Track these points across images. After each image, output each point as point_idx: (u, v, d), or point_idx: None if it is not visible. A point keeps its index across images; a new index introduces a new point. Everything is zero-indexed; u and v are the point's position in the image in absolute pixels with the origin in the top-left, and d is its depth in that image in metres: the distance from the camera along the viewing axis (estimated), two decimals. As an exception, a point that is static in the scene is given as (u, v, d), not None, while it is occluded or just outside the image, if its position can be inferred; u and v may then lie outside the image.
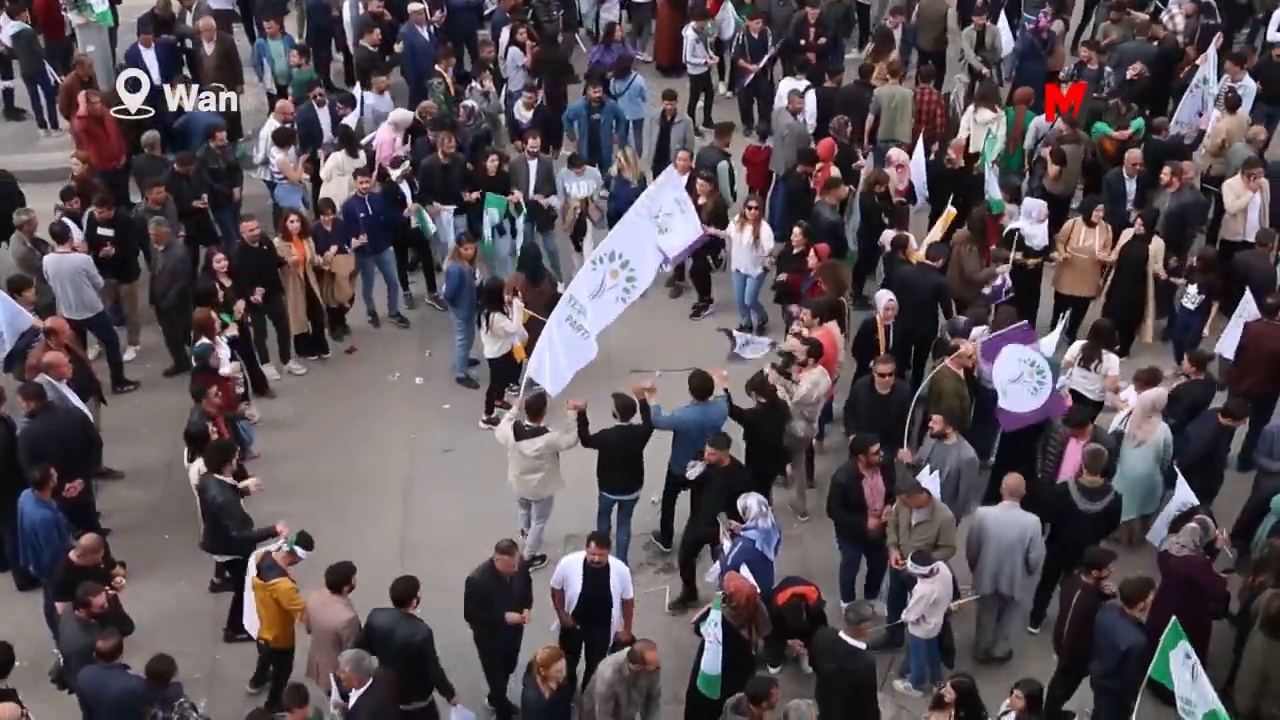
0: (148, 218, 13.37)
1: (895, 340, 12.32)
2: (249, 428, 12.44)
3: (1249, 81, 15.63)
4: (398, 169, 14.30)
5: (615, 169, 15.24)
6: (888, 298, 12.30)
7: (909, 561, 9.81)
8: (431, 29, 17.22)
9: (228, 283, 12.63)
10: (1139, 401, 11.08)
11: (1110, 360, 11.90)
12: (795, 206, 14.48)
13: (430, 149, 14.55)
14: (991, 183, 14.35)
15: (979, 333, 11.86)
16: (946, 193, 14.54)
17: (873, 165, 15.27)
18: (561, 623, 9.87)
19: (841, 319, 12.52)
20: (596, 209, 14.72)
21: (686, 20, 17.86)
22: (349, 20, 17.56)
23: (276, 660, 9.94)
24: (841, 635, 9.23)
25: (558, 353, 11.46)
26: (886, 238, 13.67)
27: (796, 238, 13.29)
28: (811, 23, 17.42)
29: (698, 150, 15.25)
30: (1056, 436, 11.10)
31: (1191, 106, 15.72)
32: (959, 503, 10.69)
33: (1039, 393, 11.19)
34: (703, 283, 14.92)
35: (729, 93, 18.70)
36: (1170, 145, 14.98)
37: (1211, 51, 15.90)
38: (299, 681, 8.91)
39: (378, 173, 14.08)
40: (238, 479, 10.46)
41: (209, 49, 16.30)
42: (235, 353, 12.35)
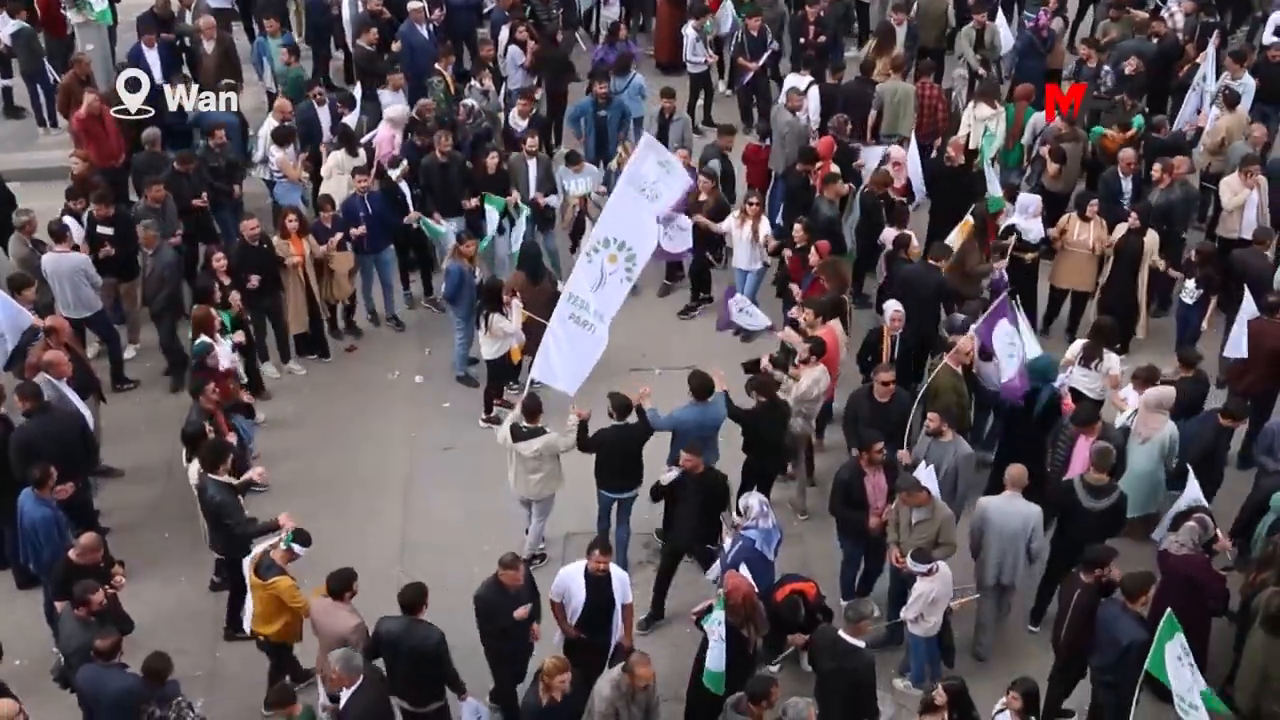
0: (147, 216, 13.37)
1: (900, 350, 12.16)
2: (249, 427, 12.43)
3: (1248, 79, 15.61)
4: (396, 169, 14.30)
5: (615, 163, 15.24)
6: (894, 308, 12.10)
7: (909, 559, 9.82)
8: (431, 27, 17.20)
9: (227, 281, 12.61)
10: (1144, 398, 11.07)
11: (1111, 359, 11.90)
12: (795, 204, 14.46)
13: (418, 150, 14.53)
14: (992, 180, 14.34)
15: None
16: (946, 190, 14.57)
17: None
18: (565, 634, 9.67)
19: (843, 317, 12.51)
20: (595, 206, 14.67)
21: (686, 18, 17.86)
22: (348, 18, 17.55)
23: (276, 655, 9.93)
24: (841, 633, 9.22)
25: (566, 352, 11.41)
26: (887, 236, 13.67)
27: (798, 234, 13.26)
28: (811, 20, 17.42)
29: (700, 149, 15.23)
30: (1068, 432, 11.03)
31: (1192, 105, 15.74)
32: (957, 500, 10.68)
33: (1013, 361, 11.33)
34: (701, 281, 14.91)
35: (728, 91, 18.70)
36: (1170, 143, 14.98)
37: (1211, 49, 15.91)
38: (284, 682, 8.88)
39: (376, 170, 14.07)
40: (236, 475, 10.45)
41: (209, 47, 16.29)
42: (236, 352, 12.33)
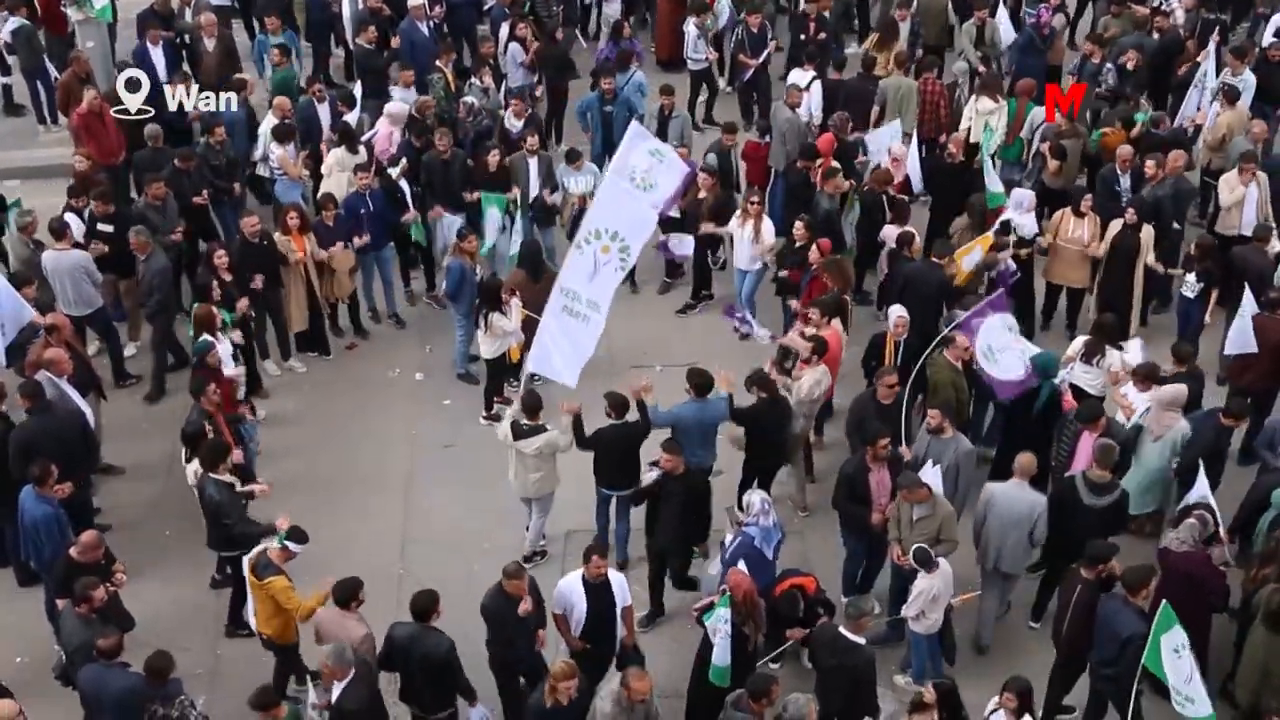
0: (148, 213, 13.40)
1: (904, 355, 11.91)
2: (251, 427, 12.42)
3: (1249, 75, 15.59)
4: (395, 167, 14.29)
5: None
6: (899, 313, 11.96)
7: (910, 557, 9.81)
8: (431, 24, 17.20)
9: (228, 278, 12.62)
10: (1157, 396, 11.02)
11: (1112, 356, 11.89)
12: (795, 201, 14.44)
13: (414, 149, 14.53)
14: (991, 176, 14.34)
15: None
16: (946, 187, 14.56)
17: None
18: (570, 647, 9.58)
19: (844, 316, 12.50)
20: (595, 203, 14.72)
21: (686, 14, 17.83)
22: (348, 16, 17.54)
23: (280, 654, 9.93)
24: (841, 630, 9.23)
25: (561, 344, 11.35)
26: (889, 233, 13.65)
27: (799, 231, 13.24)
28: (811, 17, 17.40)
29: (699, 146, 15.22)
30: (1073, 427, 11.02)
31: (1193, 102, 15.69)
32: (958, 496, 10.67)
33: (1025, 358, 11.30)
34: (701, 278, 14.90)
35: (728, 88, 18.68)
36: (1169, 139, 14.95)
37: (1212, 46, 15.88)
38: (265, 685, 8.86)
39: (375, 168, 14.07)
40: (243, 483, 10.47)
41: (209, 45, 16.29)
42: (237, 351, 12.30)
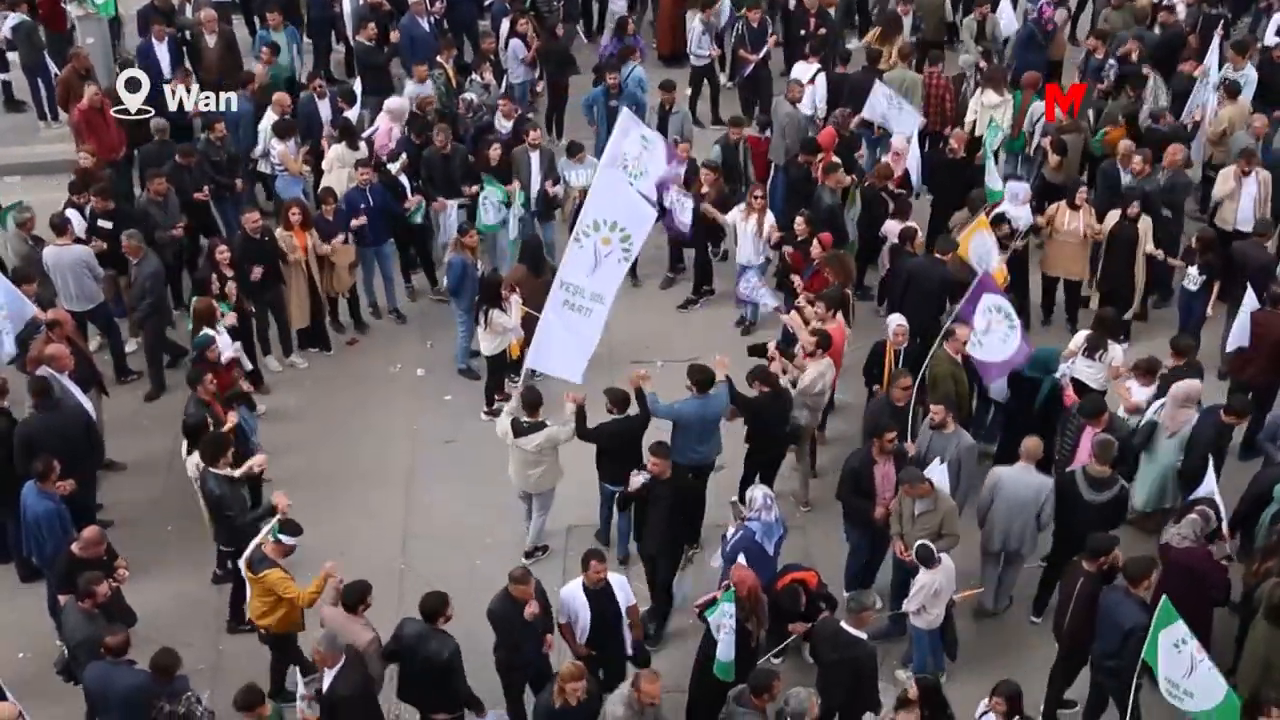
0: (150, 209, 13.39)
1: (906, 363, 11.72)
2: (251, 418, 12.42)
3: (1250, 70, 15.57)
4: (395, 163, 14.28)
5: None
6: (898, 322, 11.86)
7: (912, 553, 9.81)
8: (431, 20, 17.19)
9: (229, 273, 12.61)
10: (1171, 392, 10.98)
11: (1114, 350, 11.88)
12: (796, 196, 14.43)
13: (414, 145, 14.52)
14: (991, 172, 14.32)
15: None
16: (947, 183, 14.54)
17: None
18: (576, 654, 9.52)
19: (846, 311, 12.48)
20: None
21: (686, 9, 17.79)
22: (349, 12, 17.53)
23: (278, 647, 9.93)
24: (843, 625, 9.23)
25: (564, 339, 11.31)
26: (890, 229, 13.64)
27: (800, 226, 13.21)
28: (812, 12, 17.37)
29: (699, 141, 15.20)
30: (1076, 421, 11.01)
31: (1198, 99, 15.62)
32: (960, 492, 10.66)
33: (1009, 340, 11.25)
34: (703, 273, 14.89)
35: (729, 83, 18.65)
36: (1170, 133, 14.92)
37: (1216, 41, 15.84)
38: (251, 684, 8.86)
39: (374, 163, 14.05)
40: (236, 465, 10.45)
41: (210, 41, 16.27)
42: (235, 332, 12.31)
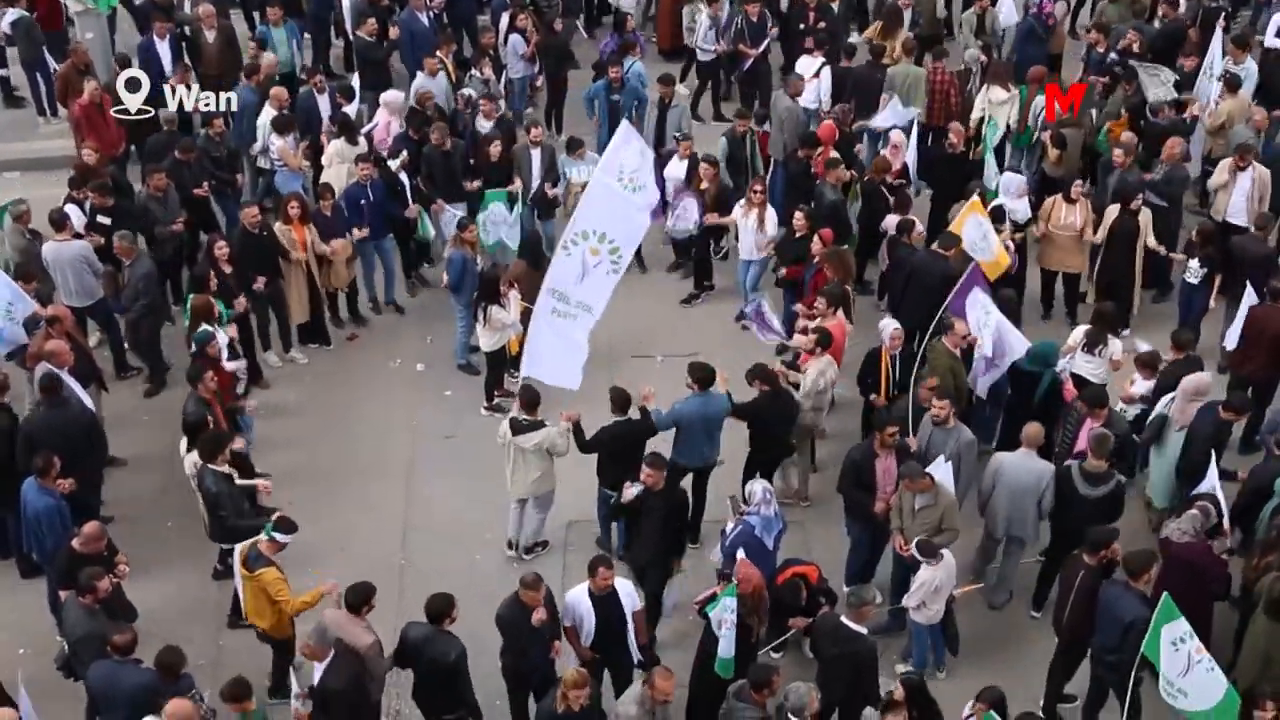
0: (150, 204, 13.37)
1: (901, 369, 11.66)
2: (249, 419, 12.41)
3: (1250, 64, 15.55)
4: (395, 160, 14.27)
5: None
6: (893, 328, 11.76)
7: (913, 548, 9.81)
8: (431, 15, 17.16)
9: (228, 269, 12.61)
10: (1181, 386, 10.98)
11: (1114, 344, 11.89)
12: (795, 191, 14.43)
13: (412, 142, 14.50)
14: (990, 168, 14.31)
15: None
16: (946, 178, 14.54)
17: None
18: (580, 657, 9.52)
19: (847, 307, 12.47)
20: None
21: (685, 3, 17.76)
22: (348, 6, 17.50)
23: (276, 648, 9.93)
24: (843, 620, 9.23)
25: (555, 346, 11.29)
26: (890, 222, 13.63)
27: (799, 222, 13.21)
28: (811, 6, 17.33)
29: (699, 136, 15.17)
30: (1076, 414, 11.01)
31: (1202, 94, 15.56)
32: (960, 487, 10.64)
33: (992, 339, 11.41)
34: (703, 270, 14.87)
35: (729, 78, 18.60)
36: (1169, 127, 14.90)
37: (1217, 34, 15.80)
38: (239, 676, 8.81)
39: (374, 158, 14.04)
40: (245, 477, 10.45)
41: (210, 37, 16.23)
42: (235, 344, 12.26)
